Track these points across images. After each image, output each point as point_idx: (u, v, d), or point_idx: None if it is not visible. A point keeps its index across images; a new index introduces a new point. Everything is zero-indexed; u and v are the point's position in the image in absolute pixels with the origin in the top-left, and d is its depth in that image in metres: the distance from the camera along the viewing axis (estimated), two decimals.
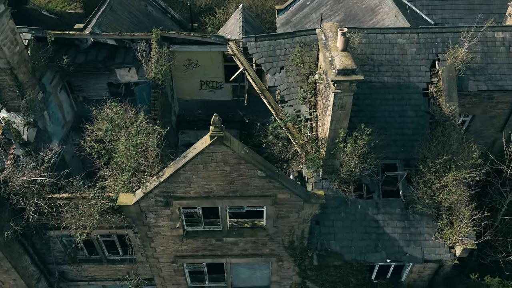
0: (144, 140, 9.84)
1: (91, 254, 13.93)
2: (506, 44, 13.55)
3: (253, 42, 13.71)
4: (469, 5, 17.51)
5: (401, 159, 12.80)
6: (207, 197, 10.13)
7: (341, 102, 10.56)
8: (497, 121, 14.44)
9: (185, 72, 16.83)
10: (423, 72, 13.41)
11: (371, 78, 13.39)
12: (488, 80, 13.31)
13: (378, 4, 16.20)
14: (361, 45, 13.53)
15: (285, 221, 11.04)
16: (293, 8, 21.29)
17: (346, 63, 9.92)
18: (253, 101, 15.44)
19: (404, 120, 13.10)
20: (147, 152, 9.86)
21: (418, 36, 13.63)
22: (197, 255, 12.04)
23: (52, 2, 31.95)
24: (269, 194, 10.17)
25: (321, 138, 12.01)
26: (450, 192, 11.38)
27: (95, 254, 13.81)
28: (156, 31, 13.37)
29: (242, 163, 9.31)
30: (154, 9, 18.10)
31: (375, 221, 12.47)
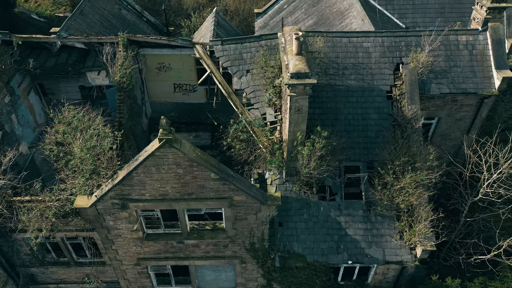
0: (97, 143, 9.91)
1: (59, 257, 13.97)
2: (469, 48, 13.72)
3: (220, 45, 13.83)
4: (440, 8, 17.69)
5: (363, 161, 12.93)
6: (163, 199, 10.22)
7: (297, 105, 10.69)
8: (463, 124, 14.59)
9: (158, 75, 16.93)
10: (387, 75, 13.56)
11: (335, 82, 13.54)
12: (451, 83, 13.47)
13: (348, 8, 16.36)
14: (326, 48, 13.69)
15: (244, 223, 11.13)
16: (271, 12, 21.47)
17: (299, 67, 10.04)
18: (226, 103, 15.54)
19: (367, 123, 13.24)
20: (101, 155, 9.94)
21: (383, 40, 13.79)
22: (160, 257, 12.10)
23: (41, 5, 32.05)
24: (225, 196, 10.27)
25: (284, 141, 12.14)
26: (407, 194, 11.50)
27: (63, 257, 13.85)
28: (122, 34, 13.46)
29: (195, 166, 9.41)
30: (129, 13, 18.21)
31: (337, 223, 12.58)
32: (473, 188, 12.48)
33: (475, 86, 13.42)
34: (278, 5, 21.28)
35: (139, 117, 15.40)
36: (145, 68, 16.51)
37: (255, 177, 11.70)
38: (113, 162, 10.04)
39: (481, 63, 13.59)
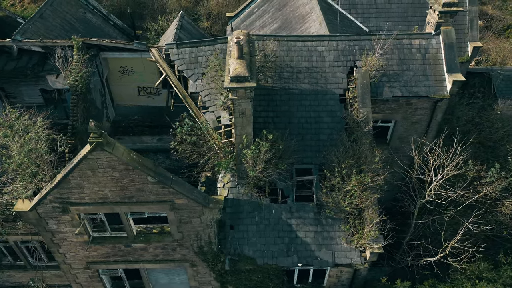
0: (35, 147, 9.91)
1: (16, 261, 13.92)
2: (422, 52, 13.84)
3: (175, 49, 13.89)
4: (403, 13, 17.84)
5: (315, 164, 12.98)
6: (103, 203, 10.22)
7: (241, 108, 10.75)
8: (419, 127, 14.70)
9: (121, 78, 16.97)
10: (340, 79, 13.65)
11: (289, 85, 13.62)
12: (403, 87, 13.57)
13: (308, 12, 16.48)
14: (281, 52, 13.78)
15: (189, 226, 11.14)
16: (243, 16, 21.59)
17: (238, 70, 10.11)
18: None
19: (320, 126, 13.31)
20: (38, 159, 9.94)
21: (337, 44, 13.89)
22: (109, 260, 12.08)
23: (27, 9, 32.04)
24: (166, 200, 10.29)
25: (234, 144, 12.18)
26: (353, 197, 11.56)
27: (20, 260, 13.80)
28: (75, 38, 13.49)
29: (131, 169, 9.43)
30: (94, 16, 18.24)
31: (288, 226, 12.61)
32: (422, 190, 12.56)
33: (427, 89, 13.54)
34: (249, 9, 21.41)
35: (98, 120, 15.39)
36: (108, 71, 16.55)
37: (202, 180, 11.72)
38: (52, 166, 10.04)
39: (434, 67, 13.71)
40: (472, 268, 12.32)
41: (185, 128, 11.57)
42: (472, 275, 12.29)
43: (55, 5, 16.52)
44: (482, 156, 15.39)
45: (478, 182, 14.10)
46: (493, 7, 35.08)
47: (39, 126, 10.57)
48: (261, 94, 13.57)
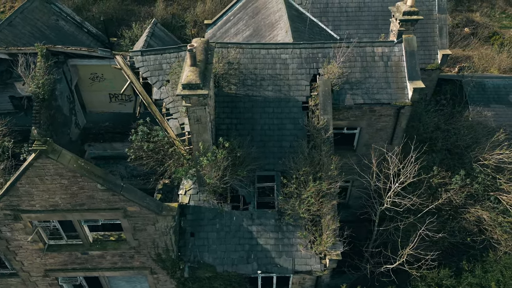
0: None
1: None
2: (384, 59, 13.97)
3: (140, 56, 13.96)
4: (374, 20, 18.04)
5: (277, 171, 13.01)
6: (55, 210, 10.19)
7: (195, 115, 10.79)
8: (384, 134, 14.77)
9: (92, 85, 17.01)
10: (303, 86, 13.74)
11: (253, 92, 13.69)
12: (365, 94, 13.67)
13: (278, 20, 16.63)
14: (245, 60, 13.87)
15: (144, 234, 11.11)
16: (220, 23, 21.77)
17: (190, 78, 10.16)
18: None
19: (282, 133, 13.37)
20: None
21: (300, 51, 14.01)
22: (67, 268, 12.01)
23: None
24: (118, 207, 10.27)
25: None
26: (309, 204, 11.57)
27: None
28: (39, 45, 13.54)
29: (79, 176, 9.42)
30: (67, 24, 18.32)
31: (249, 232, 12.60)
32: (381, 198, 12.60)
33: (389, 96, 13.64)
34: (226, 17, 21.60)
35: (66, 127, 15.40)
36: (78, 78, 16.59)
37: (159, 187, 11.71)
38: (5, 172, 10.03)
39: (396, 74, 13.83)
40: (432, 275, 12.32)
41: (140, 136, 11.59)
42: (432, 282, 12.29)
43: (25, 12, 16.59)
44: (449, 163, 15.47)
45: (443, 189, 14.19)
46: (481, 14, 35.52)
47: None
48: (225, 101, 13.66)
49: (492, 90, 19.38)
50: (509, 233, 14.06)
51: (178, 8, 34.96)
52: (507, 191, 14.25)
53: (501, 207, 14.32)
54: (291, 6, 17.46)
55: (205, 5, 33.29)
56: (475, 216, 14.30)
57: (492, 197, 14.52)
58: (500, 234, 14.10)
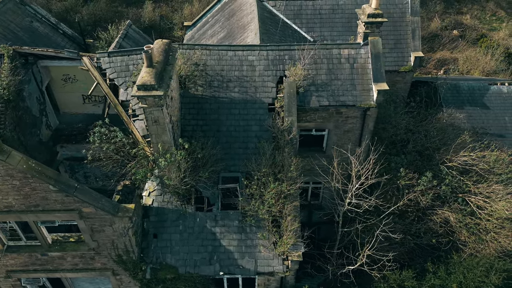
0: None
1: None
2: (350, 61, 14.03)
3: (106, 57, 13.97)
4: (347, 23, 18.12)
5: (242, 172, 13.03)
6: (9, 211, 10.18)
7: (153, 116, 10.81)
8: (352, 135, 14.82)
9: (64, 86, 17.00)
10: (269, 88, 13.79)
11: (219, 94, 13.73)
12: (331, 96, 13.73)
13: (249, 22, 16.69)
14: (212, 61, 13.91)
15: (103, 235, 11.10)
16: (199, 25, 21.84)
17: (145, 79, 10.19)
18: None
19: (248, 134, 13.40)
20: None
21: (267, 53, 14.06)
22: (29, 269, 11.99)
23: None
24: (73, 208, 10.27)
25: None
26: (269, 205, 11.59)
27: None
28: (5, 46, 13.55)
29: (30, 177, 9.42)
30: (42, 25, 18.32)
31: (212, 234, 12.60)
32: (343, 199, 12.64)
33: (354, 98, 13.70)
34: (205, 18, 21.67)
35: (35, 128, 15.38)
36: (50, 79, 16.58)
37: (119, 188, 11.71)
38: None
39: (362, 76, 13.90)
40: (394, 277, 12.35)
41: (97, 137, 11.60)
42: (394, 284, 12.31)
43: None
44: (418, 164, 15.52)
45: (411, 191, 14.23)
46: (472, 16, 35.72)
47: None
48: (191, 102, 13.69)
49: (466, 92, 19.50)
50: (476, 235, 14.12)
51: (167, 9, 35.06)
52: (475, 192, 14.31)
53: (468, 209, 14.38)
54: (264, 8, 17.53)
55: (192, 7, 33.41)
56: (442, 217, 14.35)
57: (460, 199, 14.57)
58: (467, 235, 14.15)
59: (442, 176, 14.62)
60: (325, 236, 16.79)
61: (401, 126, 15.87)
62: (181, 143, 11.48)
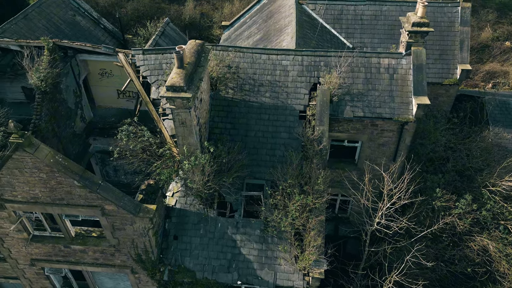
0: None
1: None
2: (390, 71, 13.27)
3: (141, 55, 14.01)
4: (390, 30, 17.26)
5: (268, 180, 12.64)
6: (36, 202, 10.35)
7: (180, 118, 10.64)
8: (387, 149, 14.04)
9: (101, 80, 17.31)
10: (302, 95, 13.30)
11: (249, 98, 13.40)
12: (366, 107, 13.04)
13: (287, 25, 16.24)
14: (245, 64, 13.61)
15: (123, 233, 11.08)
16: (237, 25, 21.66)
17: (174, 80, 10.02)
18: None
19: (276, 142, 12.99)
20: None
21: (302, 59, 13.57)
22: (52, 259, 12.20)
23: None
24: (96, 205, 10.29)
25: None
26: (292, 217, 11.12)
27: None
28: (45, 39, 13.89)
29: (56, 172, 9.50)
30: (84, 19, 18.78)
31: (232, 241, 12.30)
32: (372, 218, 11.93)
33: (392, 111, 12.93)
34: (244, 19, 21.45)
35: (69, 120, 15.73)
36: (88, 73, 16.93)
37: (143, 187, 11.65)
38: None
39: (401, 88, 13.11)
40: None
41: (124, 134, 11.58)
42: None
43: (42, 6, 17.14)
44: (457, 185, 14.49)
45: (447, 213, 13.29)
46: None
47: None
48: (221, 104, 13.46)
49: None
50: None
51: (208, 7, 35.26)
52: None
53: (510, 238, 13.24)
54: (303, 12, 17.03)
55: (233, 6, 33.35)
56: (480, 245, 13.29)
57: (501, 226, 13.45)
58: (507, 267, 13.03)
59: (483, 201, 13.55)
60: (350, 251, 16.08)
61: (440, 142, 14.89)
62: (206, 146, 11.25)
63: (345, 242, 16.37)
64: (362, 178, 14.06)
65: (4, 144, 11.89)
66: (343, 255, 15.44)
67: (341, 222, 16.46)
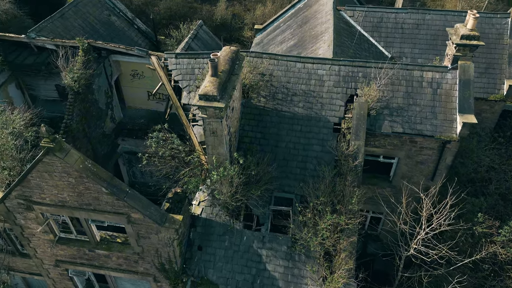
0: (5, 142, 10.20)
1: (7, 245, 14.53)
2: (434, 86, 12.48)
3: (174, 58, 13.80)
4: (432, 40, 16.37)
5: (297, 194, 12.13)
6: (63, 206, 10.26)
7: (211, 127, 10.30)
8: (425, 168, 13.24)
9: (132, 81, 17.28)
10: (337, 106, 12.71)
11: (282, 107, 12.94)
12: (406, 123, 12.30)
13: (323, 32, 15.65)
14: (278, 72, 13.15)
15: (148, 242, 10.85)
16: (270, 29, 21.23)
17: (207, 89, 9.68)
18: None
19: (308, 154, 12.45)
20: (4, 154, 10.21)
21: (339, 69, 12.98)
22: (76, 262, 12.15)
23: None
24: (122, 212, 10.09)
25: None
26: (323, 237, 10.57)
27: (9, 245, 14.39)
28: (80, 39, 13.89)
29: (85, 177, 9.35)
30: (119, 19, 18.82)
31: (258, 255, 11.86)
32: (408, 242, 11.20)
33: (434, 128, 12.15)
34: (277, 23, 20.99)
35: (100, 120, 15.74)
36: (120, 73, 16.93)
37: (169, 196, 11.39)
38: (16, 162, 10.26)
39: (445, 104, 12.30)
40: None
41: (154, 141, 11.34)
42: None
43: (79, 6, 17.26)
44: (500, 210, 13.52)
45: (488, 240, 12.39)
46: None
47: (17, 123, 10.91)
48: (252, 113, 13.04)
49: None
50: None
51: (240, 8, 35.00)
52: None
53: None
54: (340, 18, 16.39)
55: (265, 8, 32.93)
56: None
57: None
58: None
59: None
60: (379, 270, 15.32)
61: (483, 163, 13.95)
62: (236, 157, 10.86)
63: (374, 260, 15.63)
64: (397, 196, 13.36)
65: (36, 144, 11.92)
66: (371, 273, 14.72)
67: (370, 239, 15.73)
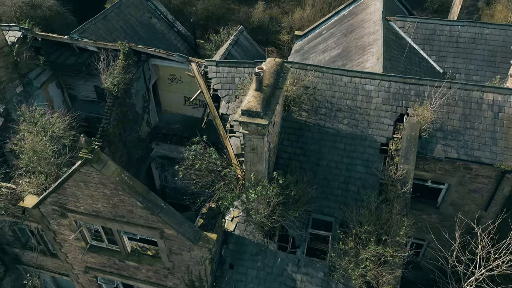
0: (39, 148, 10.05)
1: (39, 245, 14.62)
2: (495, 109, 11.39)
3: (214, 66, 13.38)
4: (490, 56, 15.13)
5: (337, 218, 11.38)
6: (97, 216, 10.02)
7: (252, 144, 9.74)
8: (479, 197, 12.16)
9: (170, 85, 17.06)
10: (385, 125, 11.86)
11: (325, 123, 12.22)
12: (462, 148, 11.28)
13: (371, 43, 14.77)
14: (323, 85, 12.45)
15: (179, 258, 10.45)
16: (311, 36, 20.54)
17: (251, 104, 9.13)
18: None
19: (351, 175, 11.67)
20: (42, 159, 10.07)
21: (389, 85, 12.12)
22: (106, 270, 11.95)
23: None
24: (156, 227, 9.72)
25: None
26: (366, 269, 9.78)
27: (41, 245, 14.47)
28: (122, 43, 13.73)
29: (120, 190, 9.03)
30: (159, 22, 18.67)
31: (292, 280, 11.21)
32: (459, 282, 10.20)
33: (493, 156, 11.07)
34: (319, 30, 20.25)
35: (136, 124, 15.57)
36: (158, 77, 16.74)
37: (204, 211, 10.93)
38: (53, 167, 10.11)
39: (507, 130, 11.20)
40: None
41: (191, 154, 10.91)
42: None
43: (121, 7, 17.21)
44: None
45: None
46: None
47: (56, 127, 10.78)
48: (292, 127, 12.39)
49: None
50: None
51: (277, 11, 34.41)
52: None
53: None
54: (389, 29, 15.46)
55: (303, 12, 32.20)
56: None
57: None
58: None
59: None
60: None
61: None
62: (275, 176, 10.25)
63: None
64: (444, 224, 12.35)
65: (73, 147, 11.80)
66: None
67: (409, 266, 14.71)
